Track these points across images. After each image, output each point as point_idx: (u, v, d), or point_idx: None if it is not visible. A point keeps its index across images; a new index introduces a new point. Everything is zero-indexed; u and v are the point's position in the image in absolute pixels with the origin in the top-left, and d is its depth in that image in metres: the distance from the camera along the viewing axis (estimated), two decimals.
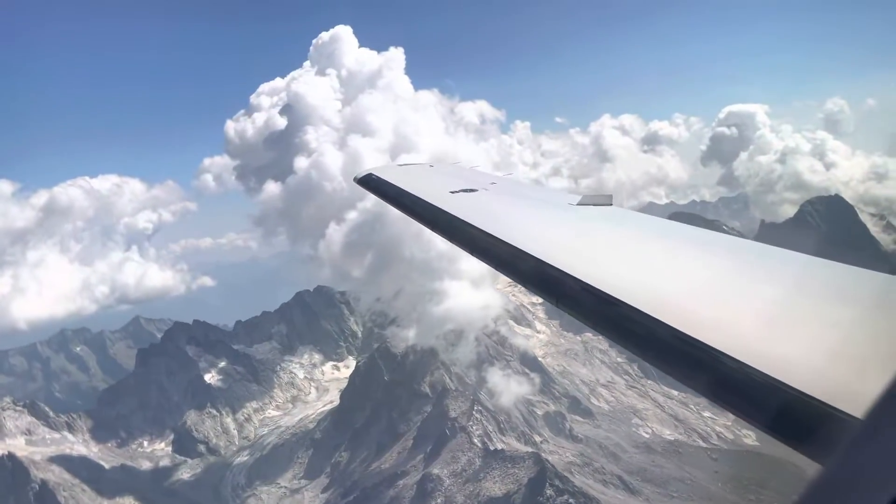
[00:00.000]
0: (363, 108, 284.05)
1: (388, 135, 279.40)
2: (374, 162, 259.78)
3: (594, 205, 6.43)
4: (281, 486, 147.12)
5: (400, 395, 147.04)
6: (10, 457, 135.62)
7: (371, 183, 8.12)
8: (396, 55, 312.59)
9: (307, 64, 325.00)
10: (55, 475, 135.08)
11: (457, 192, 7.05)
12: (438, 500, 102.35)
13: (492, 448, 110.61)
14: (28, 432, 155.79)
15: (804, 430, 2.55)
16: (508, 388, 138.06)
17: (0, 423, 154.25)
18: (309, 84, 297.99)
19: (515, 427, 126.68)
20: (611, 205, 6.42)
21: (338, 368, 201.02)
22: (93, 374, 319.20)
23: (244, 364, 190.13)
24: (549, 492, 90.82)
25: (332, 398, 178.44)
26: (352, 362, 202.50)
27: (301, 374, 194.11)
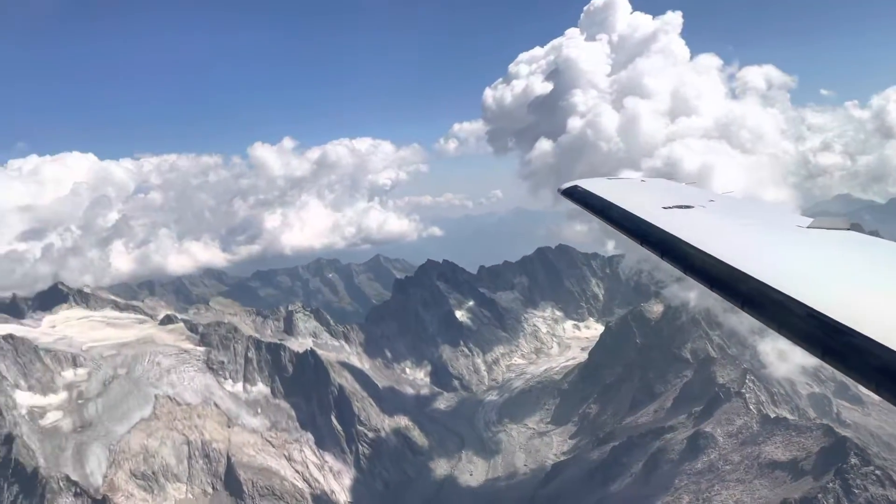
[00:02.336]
0: (640, 71, 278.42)
1: (665, 98, 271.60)
2: (650, 124, 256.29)
3: (828, 228, 5.87)
4: (529, 428, 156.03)
5: (655, 357, 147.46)
6: (312, 353, 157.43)
7: (576, 195, 7.92)
8: (674, 18, 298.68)
9: (571, 31, 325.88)
10: (348, 383, 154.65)
11: (670, 207, 6.79)
12: (712, 456, 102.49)
13: (771, 416, 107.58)
14: (314, 335, 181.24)
15: None
16: (776, 362, 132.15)
17: (295, 323, 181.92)
18: (580, 49, 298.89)
19: (788, 400, 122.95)
20: (848, 229, 5.81)
21: (578, 328, 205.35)
22: (341, 297, 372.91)
23: (490, 309, 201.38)
24: (853, 461, 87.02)
25: (574, 355, 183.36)
26: (592, 323, 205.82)
27: (544, 327, 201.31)
